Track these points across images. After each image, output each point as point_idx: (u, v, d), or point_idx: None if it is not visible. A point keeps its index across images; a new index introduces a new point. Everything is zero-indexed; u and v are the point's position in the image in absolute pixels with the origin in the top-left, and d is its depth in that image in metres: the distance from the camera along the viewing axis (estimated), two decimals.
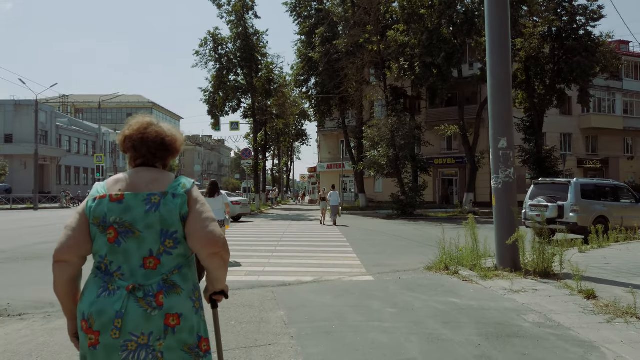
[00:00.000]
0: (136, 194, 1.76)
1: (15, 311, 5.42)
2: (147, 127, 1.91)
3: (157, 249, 1.74)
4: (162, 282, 1.71)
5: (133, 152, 1.91)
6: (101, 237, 1.74)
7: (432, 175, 33.17)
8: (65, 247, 1.73)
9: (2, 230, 16.65)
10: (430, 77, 24.98)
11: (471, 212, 25.64)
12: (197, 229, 1.76)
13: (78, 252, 1.75)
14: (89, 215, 1.76)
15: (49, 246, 11.45)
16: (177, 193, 1.79)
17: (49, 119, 49.97)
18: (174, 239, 1.76)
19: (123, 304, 1.64)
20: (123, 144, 1.93)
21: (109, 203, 1.74)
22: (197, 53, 31.34)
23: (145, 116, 1.97)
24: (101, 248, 1.74)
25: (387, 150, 25.05)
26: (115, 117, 73.52)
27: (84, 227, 1.76)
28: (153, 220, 1.73)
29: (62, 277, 1.74)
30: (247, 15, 31.32)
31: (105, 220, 1.73)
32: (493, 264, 7.75)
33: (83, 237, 1.75)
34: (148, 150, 1.89)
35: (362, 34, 27.24)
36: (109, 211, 1.73)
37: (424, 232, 15.97)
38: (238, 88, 32.69)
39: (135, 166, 1.91)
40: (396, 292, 6.13)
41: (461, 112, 26.88)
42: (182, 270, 1.77)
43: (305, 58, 33.28)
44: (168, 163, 1.98)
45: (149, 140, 1.88)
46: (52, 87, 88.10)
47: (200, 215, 1.79)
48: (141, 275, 1.71)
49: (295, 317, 4.92)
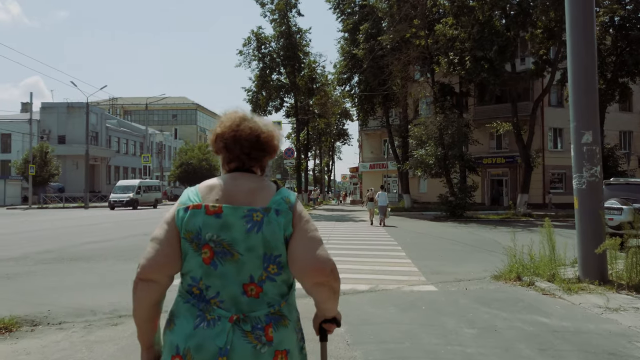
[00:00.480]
0: (235, 207, 1.51)
1: (55, 319, 5.06)
2: (239, 123, 1.64)
3: (259, 275, 1.50)
4: (271, 314, 1.49)
5: (225, 153, 1.65)
6: (194, 256, 1.49)
7: (480, 176, 31.74)
8: (155, 264, 1.48)
9: (53, 229, 16.94)
10: (482, 72, 23.74)
11: (525, 215, 24.38)
12: (300, 253, 1.50)
13: (168, 271, 1.50)
14: (180, 227, 1.50)
15: (94, 246, 11.35)
16: (280, 209, 1.53)
17: (99, 120, 51.69)
18: (277, 263, 1.51)
19: (227, 338, 1.41)
20: (214, 144, 1.67)
21: (204, 216, 1.49)
22: (240, 53, 31.35)
23: (237, 111, 1.69)
24: (194, 269, 1.49)
25: (435, 149, 24.01)
26: (161, 119, 75.42)
27: (174, 240, 1.51)
28: (255, 242, 1.49)
29: (146, 300, 1.49)
30: (290, 13, 31.04)
31: (200, 236, 1.48)
32: (575, 275, 6.83)
33: (174, 252, 1.51)
34: (242, 151, 1.63)
35: (409, 29, 26.28)
36: (205, 226, 1.48)
37: (479, 236, 14.97)
38: (281, 87, 32.52)
39: (229, 170, 1.66)
40: (469, 307, 5.38)
41: (514, 109, 25.45)
42: (288, 300, 1.55)
43: (348, 55, 32.64)
44: (265, 165, 1.72)
45: (242, 138, 1.62)
46: (102, 88, 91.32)
47: (305, 234, 1.53)
48: (245, 304, 1.48)
49: (358, 336, 4.28)
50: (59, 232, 15.59)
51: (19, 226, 17.82)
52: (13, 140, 47.91)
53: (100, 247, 11.14)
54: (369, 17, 30.94)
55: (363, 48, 30.10)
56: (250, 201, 1.53)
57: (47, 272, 7.86)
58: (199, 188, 1.59)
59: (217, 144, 1.66)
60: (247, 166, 1.65)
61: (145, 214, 27.32)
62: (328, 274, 1.49)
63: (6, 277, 7.27)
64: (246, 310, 1.46)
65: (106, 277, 7.47)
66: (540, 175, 32.56)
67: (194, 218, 1.48)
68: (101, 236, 13.87)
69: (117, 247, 11.29)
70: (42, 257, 9.40)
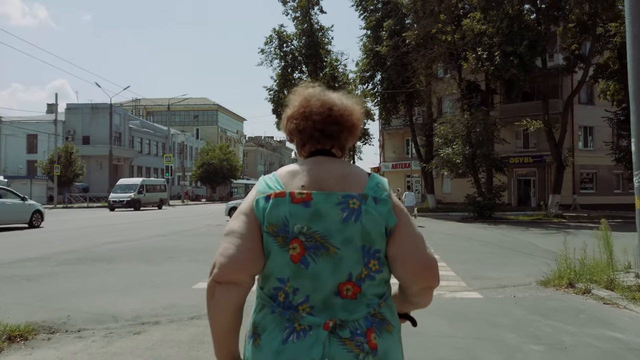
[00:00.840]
0: (327, 194, 1.31)
1: (74, 326, 4.70)
2: (309, 99, 1.44)
3: (359, 273, 1.29)
4: (371, 317, 1.29)
5: (297, 135, 1.46)
6: (280, 253, 1.28)
7: (507, 175, 30.81)
8: (236, 262, 1.26)
9: (77, 228, 16.86)
10: (511, 68, 22.91)
11: (557, 216, 23.42)
12: (411, 251, 1.31)
13: (252, 270, 1.29)
14: (261, 219, 1.30)
15: (116, 246, 11.10)
16: (378, 197, 1.33)
17: (122, 121, 52.24)
18: (378, 259, 1.32)
19: (324, 349, 1.21)
20: (286, 127, 1.49)
21: (290, 205, 1.29)
22: (262, 51, 31.10)
23: (308, 86, 1.49)
24: (281, 269, 1.29)
25: (462, 148, 23.28)
26: (183, 119, 75.97)
27: (256, 234, 1.30)
28: (353, 232, 1.28)
29: (228, 306, 1.27)
30: (312, 10, 30.66)
31: (287, 228, 1.27)
32: (637, 282, 6.19)
33: (257, 248, 1.29)
34: (313, 127, 1.42)
35: (434, 24, 25.59)
36: (292, 216, 1.28)
37: (513, 238, 14.27)
38: None
39: (306, 155, 1.46)
40: (525, 319, 4.83)
41: (545, 106, 24.51)
42: (388, 301, 1.36)
43: (371, 53, 32.07)
44: (345, 145, 1.49)
45: (313, 113, 1.42)
46: (126, 89, 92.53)
47: (412, 230, 1.34)
48: (340, 307, 1.28)
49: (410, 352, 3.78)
50: (82, 231, 15.48)
51: (44, 225, 17.85)
52: (39, 140, 48.72)
53: (123, 248, 10.88)
54: (393, 14, 30.33)
55: (386, 45, 29.48)
56: (343, 187, 1.33)
57: (69, 273, 7.57)
58: (278, 174, 1.38)
59: (288, 126, 1.47)
60: (324, 146, 1.44)
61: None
62: (437, 277, 1.35)
63: (26, 279, 6.99)
64: (341, 314, 1.26)
65: (128, 279, 7.14)
66: (569, 175, 31.43)
67: (277, 208, 1.28)
68: (124, 236, 13.66)
69: (139, 247, 11.02)
70: (64, 258, 9.16)
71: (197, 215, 26.46)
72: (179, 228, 16.75)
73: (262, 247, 1.29)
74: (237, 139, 78.19)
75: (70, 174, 39.93)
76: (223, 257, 1.26)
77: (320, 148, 1.44)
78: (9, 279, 7.00)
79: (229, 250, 1.27)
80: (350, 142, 1.49)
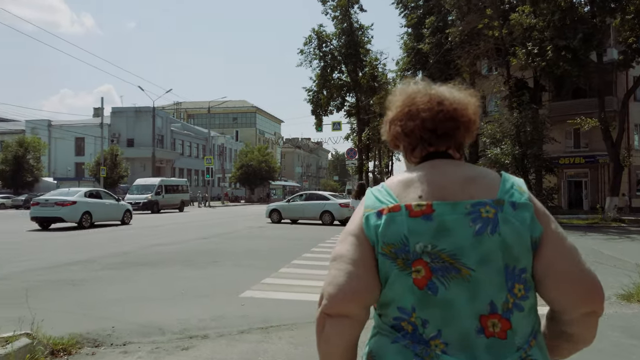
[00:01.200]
0: (453, 203, 1.10)
1: (119, 338, 4.42)
2: (414, 96, 1.23)
3: (503, 301, 1.06)
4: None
5: (404, 139, 1.24)
6: (401, 278, 1.09)
7: (557, 177, 29.32)
8: (348, 293, 1.09)
9: (121, 230, 17.04)
10: (564, 63, 21.67)
11: (616, 220, 21.94)
12: (564, 265, 1.08)
13: (366, 300, 1.12)
14: (374, 239, 1.11)
15: (160, 249, 10.99)
16: (517, 201, 1.10)
17: (164, 124, 53.45)
18: (524, 281, 1.08)
19: None
20: (389, 132, 1.28)
21: (408, 220, 1.09)
22: (301, 52, 30.98)
23: (410, 83, 1.28)
24: (403, 296, 1.09)
25: (511, 148, 22.23)
26: (222, 122, 77.16)
27: (368, 259, 1.12)
28: (491, 248, 1.06)
29: (340, 342, 1.12)
30: (352, 9, 30.23)
31: (407, 248, 1.08)
32: None
33: (371, 275, 1.12)
34: (422, 126, 1.19)
35: (480, 20, 24.62)
36: (412, 234, 1.08)
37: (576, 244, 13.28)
38: (342, 86, 31.80)
39: (418, 161, 1.22)
40: (624, 343, 4.19)
41: (601, 103, 23.04)
42: (538, 339, 1.11)
43: (412, 52, 31.35)
44: (463, 145, 1.26)
45: (420, 110, 1.20)
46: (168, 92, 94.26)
47: (564, 240, 1.11)
48: (484, 349, 1.04)
49: None
50: (126, 233, 15.60)
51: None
52: (86, 143, 50.52)
53: (167, 251, 10.75)
54: (435, 10, 29.54)
55: (429, 42, 28.70)
56: (471, 193, 1.13)
57: (113, 278, 7.41)
58: (388, 185, 1.18)
59: (391, 131, 1.28)
60: (437, 148, 1.22)
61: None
62: (602, 298, 1.11)
63: (71, 284, 6.86)
64: (485, 358, 1.04)
65: (173, 286, 6.88)
66: (625, 177, 29.58)
67: (393, 224, 1.10)
68: (166, 238, 13.62)
69: (182, 250, 10.87)
70: (108, 262, 9.06)
71: (237, 216, 26.48)
72: (220, 230, 16.65)
73: (377, 272, 1.12)
74: (275, 141, 78.69)
75: (116, 176, 41.06)
76: (332, 286, 1.11)
77: (433, 150, 1.24)
78: (54, 284, 6.89)
79: (339, 279, 1.11)
80: (468, 141, 1.26)
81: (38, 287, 6.69)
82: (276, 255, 10.15)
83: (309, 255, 10.00)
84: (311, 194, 21.83)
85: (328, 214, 19.58)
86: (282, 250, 10.90)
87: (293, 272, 8.00)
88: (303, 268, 8.37)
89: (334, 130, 34.99)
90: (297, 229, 17.49)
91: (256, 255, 10.23)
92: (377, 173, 58.51)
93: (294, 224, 19.97)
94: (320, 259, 9.43)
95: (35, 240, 13.30)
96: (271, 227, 18.41)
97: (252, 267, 8.59)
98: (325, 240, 13.11)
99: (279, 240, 13.33)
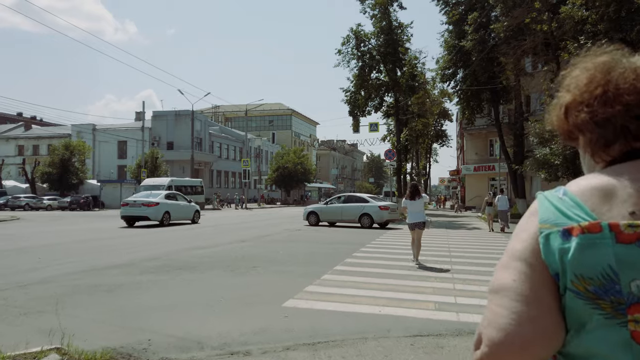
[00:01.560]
0: None
1: (155, 353, 4.06)
2: (609, 70, 0.92)
3: None
4: None
5: (595, 130, 0.91)
6: (607, 329, 0.80)
7: None
8: (517, 341, 0.81)
9: (161, 232, 17.03)
10: None
11: None
12: None
13: (542, 352, 0.83)
14: (557, 268, 0.83)
15: (198, 252, 10.73)
16: None
17: (203, 127, 54.19)
18: None
19: None
20: (564, 120, 0.96)
21: (616, 246, 0.79)
22: (339, 52, 30.43)
23: (597, 54, 0.96)
24: (611, 353, 0.79)
25: (562, 148, 21.00)
26: (259, 124, 77.69)
27: (546, 295, 0.84)
28: None
29: None
30: (391, 7, 29.53)
31: (617, 287, 0.79)
32: None
33: (550, 318, 0.83)
34: (626, 114, 0.88)
35: (527, 14, 23.48)
36: (624, 267, 0.79)
37: None
38: (381, 86, 31.10)
39: (609, 160, 0.92)
40: None
41: None
42: None
43: (453, 49, 30.30)
44: None
45: (622, 91, 0.89)
46: (206, 95, 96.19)
47: None
48: None
49: None
50: (166, 235, 15.55)
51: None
52: (128, 146, 51.81)
53: (205, 254, 10.48)
54: (478, 6, 28.44)
55: (471, 39, 27.64)
56: None
57: (150, 284, 7.13)
58: (575, 192, 0.86)
59: (572, 118, 0.94)
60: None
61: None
62: None
63: (107, 290, 6.60)
64: None
65: (212, 293, 6.53)
66: None
67: (592, 252, 0.79)
68: (205, 241, 13.41)
69: (221, 254, 10.57)
70: (146, 266, 8.84)
71: (274, 218, 26.25)
72: (259, 233, 16.37)
73: (559, 313, 0.84)
74: (310, 143, 78.53)
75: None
76: (494, 329, 0.83)
77: (635, 146, 0.91)
78: (91, 289, 6.66)
79: (503, 320, 0.83)
80: None
81: (74, 292, 6.49)
82: (317, 260, 9.70)
83: (352, 261, 9.49)
84: (350, 196, 21.31)
85: (367, 216, 19.03)
86: (323, 255, 10.44)
87: (337, 279, 7.52)
88: (347, 275, 7.88)
89: (371, 131, 34.31)
90: (336, 232, 17.01)
91: (296, 260, 9.81)
92: (414, 175, 57.43)
93: (332, 227, 19.50)
94: (364, 264, 8.92)
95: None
96: (309, 230, 18.01)
97: (293, 273, 8.16)
98: (366, 244, 12.57)
99: (318, 245, 12.89)
